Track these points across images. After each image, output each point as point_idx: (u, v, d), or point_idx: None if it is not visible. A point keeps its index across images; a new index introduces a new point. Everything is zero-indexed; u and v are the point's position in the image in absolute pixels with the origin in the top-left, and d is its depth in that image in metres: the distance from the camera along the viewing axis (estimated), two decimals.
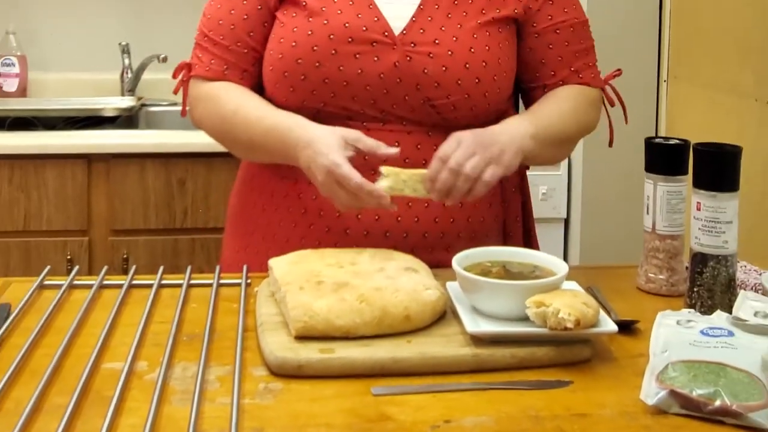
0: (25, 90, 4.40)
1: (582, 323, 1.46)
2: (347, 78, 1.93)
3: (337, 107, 1.96)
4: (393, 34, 1.94)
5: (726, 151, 1.72)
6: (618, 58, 3.62)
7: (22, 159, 3.55)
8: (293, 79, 1.96)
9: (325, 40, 1.93)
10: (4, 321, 1.65)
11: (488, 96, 1.97)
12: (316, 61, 1.93)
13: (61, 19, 4.51)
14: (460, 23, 1.97)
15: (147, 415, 1.29)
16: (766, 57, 2.82)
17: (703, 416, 1.30)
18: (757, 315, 1.56)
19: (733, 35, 3.05)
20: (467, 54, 1.94)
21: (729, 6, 3.09)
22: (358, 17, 1.94)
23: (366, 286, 1.58)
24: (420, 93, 1.93)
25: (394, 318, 1.53)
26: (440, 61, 1.92)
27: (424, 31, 1.94)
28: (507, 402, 1.37)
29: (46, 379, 1.41)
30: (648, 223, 1.87)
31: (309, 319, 1.51)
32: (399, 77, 1.93)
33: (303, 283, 1.61)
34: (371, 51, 1.93)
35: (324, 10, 1.95)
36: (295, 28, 1.96)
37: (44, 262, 3.47)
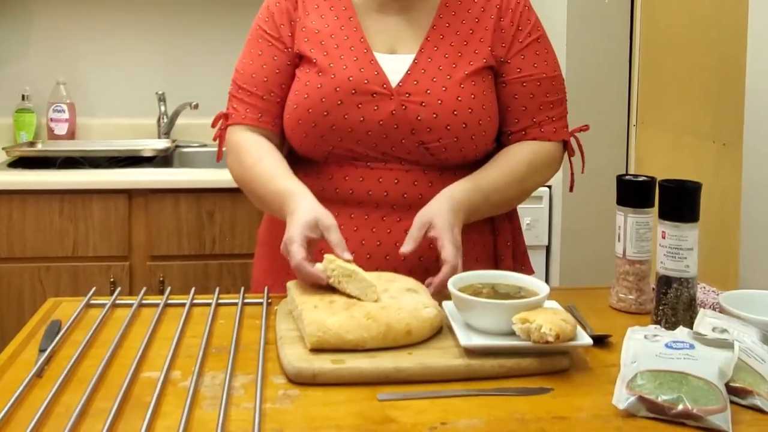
0: (73, 133, 4.39)
1: (561, 337, 1.46)
2: (351, 125, 1.94)
3: (344, 150, 1.97)
4: (390, 86, 1.95)
5: (687, 186, 1.72)
6: (593, 106, 3.64)
7: (71, 194, 3.54)
8: (306, 126, 1.97)
9: (332, 92, 1.94)
10: (55, 335, 1.65)
11: (475, 138, 1.97)
12: (325, 110, 1.94)
13: (105, 71, 4.51)
14: (449, 74, 1.98)
15: (180, 419, 1.30)
16: (722, 105, 2.82)
17: (668, 419, 1.31)
18: (714, 330, 1.56)
19: (694, 86, 3.06)
20: (455, 102, 1.94)
21: (690, 59, 3.09)
22: (360, 71, 1.96)
23: (372, 305, 1.59)
24: (414, 137, 1.94)
25: (397, 332, 1.53)
26: (431, 109, 1.93)
27: (417, 83, 1.96)
28: (496, 406, 1.37)
29: (92, 386, 1.42)
30: (619, 249, 1.87)
31: (323, 334, 1.51)
32: (396, 124, 1.94)
33: (317, 302, 1.61)
34: (371, 101, 1.94)
35: (332, 66, 1.97)
36: (308, 82, 1.98)
37: (90, 284, 3.50)
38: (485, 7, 2.06)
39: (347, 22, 2.04)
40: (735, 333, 1.55)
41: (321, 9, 2.06)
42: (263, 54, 2.07)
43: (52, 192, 3.54)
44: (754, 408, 1.37)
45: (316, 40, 2.02)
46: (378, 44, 2.03)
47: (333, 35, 2.02)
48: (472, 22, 2.05)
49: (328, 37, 2.02)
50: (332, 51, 2.00)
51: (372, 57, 1.99)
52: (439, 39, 2.02)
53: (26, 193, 3.52)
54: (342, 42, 2.01)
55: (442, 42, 2.02)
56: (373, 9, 2.06)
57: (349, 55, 1.99)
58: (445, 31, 2.03)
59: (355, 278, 1.65)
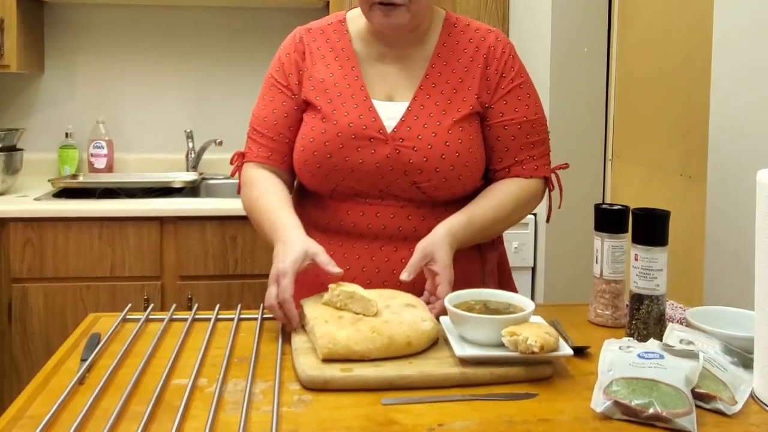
0: (111, 167, 4.40)
1: (545, 348, 1.46)
2: (352, 166, 1.94)
3: (347, 187, 1.97)
4: (386, 132, 1.95)
5: (657, 214, 1.72)
6: (573, 143, 3.65)
7: (109, 221, 3.55)
8: (311, 166, 1.98)
9: (334, 137, 1.95)
10: (95, 347, 1.65)
11: (462, 178, 1.97)
12: (328, 153, 1.95)
13: (140, 112, 4.52)
14: (439, 121, 1.97)
15: (206, 421, 1.31)
16: (688, 142, 2.83)
17: (640, 421, 1.30)
18: (681, 342, 1.56)
19: (663, 125, 3.06)
20: (443, 147, 1.94)
21: (660, 102, 3.09)
22: (360, 118, 1.96)
23: (377, 320, 1.59)
24: (407, 177, 1.94)
25: (398, 344, 1.54)
26: (422, 153, 1.93)
27: (410, 129, 1.95)
28: (487, 410, 1.37)
29: (127, 392, 1.42)
30: (597, 270, 1.87)
31: (333, 346, 1.52)
32: (391, 165, 1.94)
33: (328, 318, 1.62)
34: (369, 145, 1.94)
35: (334, 113, 1.97)
36: (313, 127, 1.99)
37: (126, 301, 3.50)
38: (474, 56, 2.06)
39: (350, 71, 2.04)
40: (700, 345, 1.56)
41: (327, 59, 2.07)
42: (274, 100, 2.08)
43: (92, 219, 3.55)
44: (716, 411, 1.37)
45: (321, 88, 2.03)
46: (377, 92, 2.03)
47: (336, 84, 2.03)
48: (462, 71, 2.04)
49: (332, 86, 2.02)
50: (335, 99, 2.00)
51: (371, 104, 1.99)
52: (431, 87, 2.02)
53: (69, 221, 3.53)
54: (344, 90, 2.02)
55: (434, 90, 2.02)
56: (373, 58, 2.07)
57: (350, 103, 1.99)
58: (437, 80, 2.03)
59: (356, 298, 1.66)
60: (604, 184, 3.71)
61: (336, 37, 2.10)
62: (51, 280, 3.55)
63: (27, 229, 3.51)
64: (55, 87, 4.47)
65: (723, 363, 1.50)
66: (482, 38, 2.08)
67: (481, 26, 2.12)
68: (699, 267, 2.51)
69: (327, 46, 2.10)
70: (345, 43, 2.09)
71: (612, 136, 3.64)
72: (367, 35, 2.09)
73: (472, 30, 2.10)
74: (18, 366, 3.57)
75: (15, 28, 3.87)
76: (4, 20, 3.84)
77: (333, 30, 2.12)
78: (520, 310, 1.62)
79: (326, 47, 2.09)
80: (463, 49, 2.07)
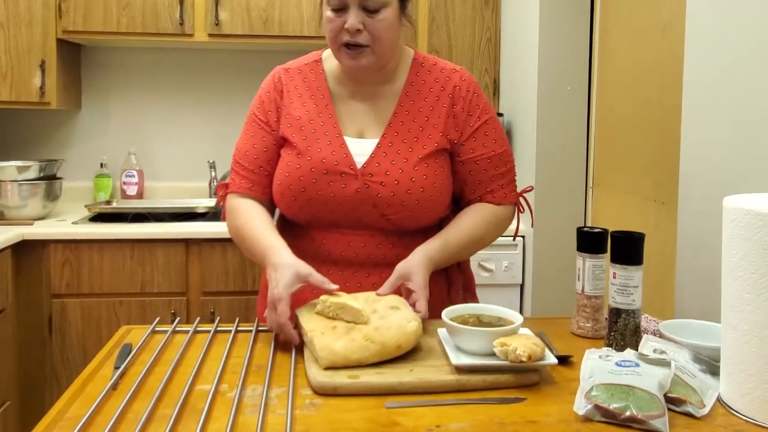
0: (142, 194, 4.41)
1: (532, 357, 1.46)
2: (325, 199, 1.92)
3: (322, 218, 1.95)
4: (356, 168, 1.92)
5: (633, 236, 1.72)
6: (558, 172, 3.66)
7: (140, 242, 3.56)
8: (288, 199, 1.96)
9: (308, 172, 1.92)
10: (127, 356, 1.65)
11: (427, 211, 1.95)
12: (302, 187, 1.92)
13: (167, 144, 4.54)
14: (406, 158, 1.94)
15: (227, 422, 1.31)
16: (661, 171, 2.83)
17: (618, 423, 1.31)
18: (655, 352, 1.56)
19: (638, 156, 3.06)
20: (409, 183, 1.91)
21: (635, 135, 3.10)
22: (332, 154, 1.93)
23: (368, 328, 1.60)
24: (376, 210, 1.92)
25: (390, 348, 1.55)
26: (389, 188, 1.91)
27: (379, 165, 1.93)
28: (480, 413, 1.38)
29: (156, 396, 1.42)
30: (579, 287, 1.86)
31: (333, 357, 1.52)
32: (361, 199, 1.91)
33: (323, 329, 1.62)
34: (341, 180, 1.91)
35: (309, 149, 1.94)
36: (289, 162, 1.96)
37: (155, 314, 3.51)
38: (439, 96, 2.02)
39: (324, 109, 2.01)
40: (672, 354, 1.56)
41: (303, 97, 2.04)
42: (255, 135, 2.05)
43: (125, 241, 3.55)
44: (686, 414, 1.37)
45: (297, 125, 2.00)
46: (349, 128, 2.00)
47: (312, 121, 1.99)
48: (428, 109, 2.01)
49: (308, 123, 1.99)
50: (310, 135, 1.97)
51: (343, 141, 1.96)
52: (399, 125, 1.99)
53: (104, 242, 3.54)
54: (319, 127, 1.98)
55: (401, 128, 1.98)
56: (346, 96, 2.04)
57: (324, 139, 1.96)
58: (405, 118, 1.99)
59: (346, 309, 1.66)
60: (585, 209, 3.71)
61: (312, 76, 2.07)
62: (87, 295, 3.56)
63: (66, 249, 3.53)
64: (91, 122, 4.49)
65: (692, 370, 1.50)
66: (447, 78, 2.05)
67: (446, 65, 2.09)
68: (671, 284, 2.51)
69: (304, 85, 2.06)
70: (320, 82, 2.06)
71: (593, 166, 3.65)
72: (340, 74, 2.06)
73: (438, 69, 2.07)
74: (57, 373, 3.57)
75: (55, 69, 3.90)
76: (45, 62, 3.86)
77: (310, 69, 2.09)
78: (510, 323, 1.62)
79: (303, 86, 2.06)
80: (429, 88, 2.03)
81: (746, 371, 1.36)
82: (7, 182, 3.71)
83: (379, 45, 1.90)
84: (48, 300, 3.55)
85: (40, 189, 3.79)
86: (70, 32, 3.91)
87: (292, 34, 4.01)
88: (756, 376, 1.34)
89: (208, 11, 3.96)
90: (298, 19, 4.00)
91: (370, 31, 1.87)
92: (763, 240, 1.32)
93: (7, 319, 3.37)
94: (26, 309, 3.55)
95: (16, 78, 3.85)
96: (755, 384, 1.35)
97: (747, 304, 1.35)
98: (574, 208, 3.71)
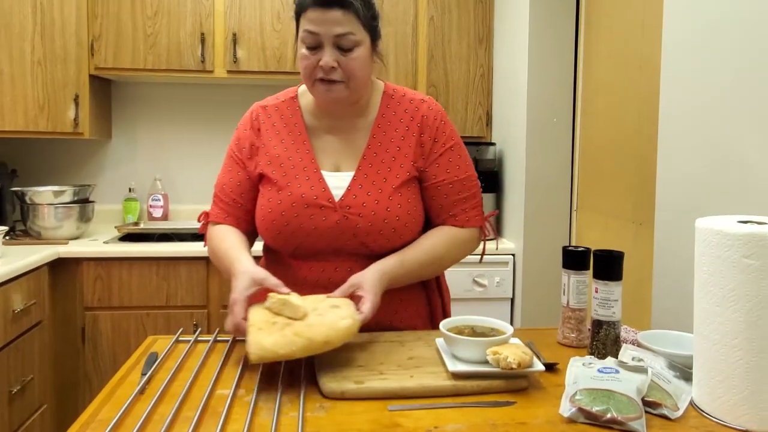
0: (167, 216, 4.42)
1: (522, 365, 1.47)
2: (306, 231, 1.87)
3: (305, 249, 1.90)
4: (334, 201, 1.87)
5: (614, 255, 1.72)
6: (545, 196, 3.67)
7: (165, 260, 3.57)
8: (272, 232, 1.90)
9: (289, 206, 1.88)
10: (153, 363, 1.65)
11: (402, 236, 1.90)
12: (285, 221, 1.87)
13: (189, 171, 4.54)
14: (380, 188, 1.89)
15: (244, 424, 1.32)
16: (639, 196, 2.83)
17: (599, 424, 1.31)
18: (633, 360, 1.56)
19: (618, 182, 3.07)
20: (385, 212, 1.87)
21: (616, 162, 3.10)
22: (311, 189, 1.88)
23: (301, 324, 1.55)
24: (356, 239, 1.87)
25: (317, 344, 1.50)
26: (366, 219, 1.86)
27: (355, 197, 1.87)
28: (474, 415, 1.38)
29: (180, 400, 1.43)
30: (564, 300, 1.86)
31: (260, 351, 1.48)
32: (341, 230, 1.86)
33: (261, 325, 1.56)
34: (320, 213, 1.86)
35: (288, 185, 1.89)
36: (270, 198, 1.91)
37: (179, 325, 3.52)
38: (409, 125, 1.97)
39: (301, 145, 1.96)
40: (648, 361, 1.56)
41: (281, 134, 1.99)
42: (231, 170, 2.01)
43: (151, 259, 3.57)
44: (662, 416, 1.37)
45: (276, 162, 1.94)
46: (325, 163, 1.95)
47: (290, 157, 1.94)
48: (399, 140, 1.95)
49: (286, 159, 1.94)
50: (289, 171, 1.92)
51: (320, 176, 1.91)
52: (373, 156, 1.93)
53: (132, 260, 3.55)
54: (297, 163, 1.93)
55: (375, 159, 1.93)
56: (321, 130, 1.99)
57: (302, 175, 1.91)
58: (378, 149, 1.94)
59: (287, 305, 1.60)
60: (570, 229, 3.71)
61: (289, 113, 2.02)
62: (117, 308, 3.56)
63: (97, 266, 3.53)
64: (120, 151, 4.51)
65: (667, 376, 1.50)
66: (416, 108, 1.99)
67: (415, 96, 2.03)
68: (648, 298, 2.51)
69: (281, 121, 2.01)
70: (297, 117, 2.01)
71: (577, 190, 3.65)
72: (315, 109, 2.01)
73: (407, 101, 2.01)
74: (90, 379, 3.57)
75: (88, 103, 3.92)
76: (79, 96, 3.88)
77: (287, 106, 2.04)
78: (501, 333, 1.62)
79: (281, 123, 2.01)
80: (399, 119, 1.98)
81: (716, 377, 1.36)
82: (44, 205, 3.74)
83: (354, 81, 1.86)
84: (81, 312, 3.55)
85: (74, 211, 3.81)
86: (102, 69, 3.94)
87: None
88: (725, 382, 1.35)
89: (227, 50, 3.98)
90: None
91: (344, 69, 1.83)
92: (732, 258, 1.32)
93: (44, 329, 3.38)
94: (61, 321, 3.56)
95: (52, 110, 3.87)
96: (724, 389, 1.35)
97: (717, 316, 1.35)
98: (560, 229, 3.72)
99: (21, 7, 3.80)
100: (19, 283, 3.11)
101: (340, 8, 1.78)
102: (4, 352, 2.97)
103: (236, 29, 3.98)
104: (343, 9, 1.79)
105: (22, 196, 3.78)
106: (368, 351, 1.70)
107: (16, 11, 3.80)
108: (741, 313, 1.32)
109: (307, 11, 1.81)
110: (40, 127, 3.87)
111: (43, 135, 3.90)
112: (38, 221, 3.75)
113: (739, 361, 1.33)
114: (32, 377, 3.24)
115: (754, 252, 1.30)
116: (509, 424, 1.34)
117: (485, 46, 4.21)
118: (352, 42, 1.82)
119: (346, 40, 1.81)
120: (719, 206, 1.95)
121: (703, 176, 2.03)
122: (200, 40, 3.95)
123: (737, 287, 1.32)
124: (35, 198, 3.76)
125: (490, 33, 4.21)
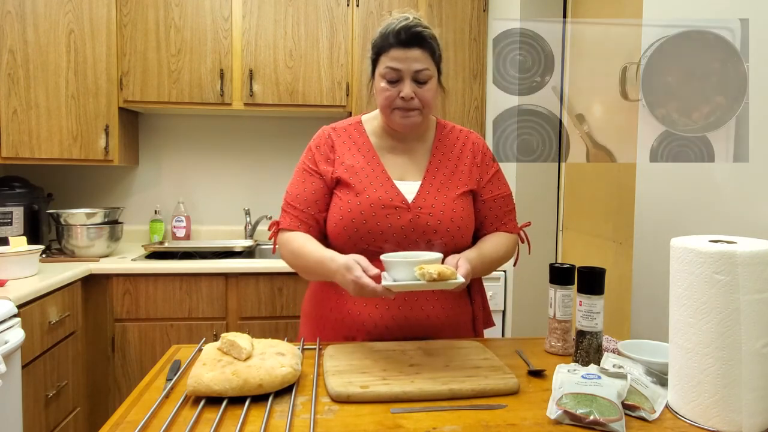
0: (189, 235, 4.42)
1: (441, 275, 1.53)
2: (382, 229, 1.92)
3: (376, 247, 1.93)
4: (408, 202, 1.93)
5: (596, 271, 1.72)
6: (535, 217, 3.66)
7: (188, 276, 3.57)
8: (349, 231, 1.93)
9: (367, 207, 1.92)
10: (177, 370, 1.66)
11: (464, 237, 1.96)
12: (363, 220, 1.92)
13: (210, 194, 4.55)
14: (446, 195, 1.97)
15: (261, 425, 1.32)
16: (619, 217, 2.84)
17: (583, 425, 1.31)
18: (614, 367, 1.57)
19: (600, 205, 3.07)
20: (451, 213, 1.94)
21: (597, 188, 3.11)
22: (386, 192, 1.94)
23: (242, 365, 1.52)
24: (424, 236, 1.92)
25: (251, 385, 1.47)
26: (436, 217, 1.93)
27: (425, 200, 1.94)
28: (469, 417, 1.38)
29: (202, 404, 1.43)
30: (551, 313, 1.86)
31: (197, 385, 1.47)
32: (412, 228, 1.92)
33: (207, 361, 1.55)
34: (395, 212, 1.92)
35: (365, 190, 1.95)
36: (349, 200, 1.95)
37: (200, 335, 3.50)
38: (462, 149, 2.08)
39: (371, 159, 2.02)
40: (628, 368, 1.56)
41: (351, 151, 2.04)
42: (305, 182, 2.03)
43: (175, 275, 3.57)
44: (640, 418, 1.37)
45: (351, 171, 1.99)
46: (393, 174, 2.00)
47: (363, 168, 2.00)
48: (456, 159, 2.05)
49: (360, 170, 1.99)
50: (363, 179, 1.97)
51: (392, 183, 1.97)
52: (435, 170, 2.02)
53: (157, 276, 3.55)
54: (369, 173, 1.99)
55: (437, 173, 2.01)
56: (386, 150, 2.05)
57: (376, 182, 1.97)
58: (438, 166, 2.03)
59: (234, 346, 1.58)
60: (556, 248, 3.71)
61: (356, 135, 2.08)
62: (144, 320, 3.56)
63: (126, 282, 3.54)
64: (146, 176, 4.52)
65: (645, 382, 1.51)
66: (466, 137, 2.12)
67: (462, 129, 2.15)
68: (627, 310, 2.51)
69: (350, 141, 2.07)
70: (364, 138, 2.07)
71: (562, 212, 3.65)
72: (381, 132, 2.08)
73: (457, 130, 2.14)
74: (119, 384, 3.56)
75: (117, 133, 3.93)
76: (109, 126, 3.90)
77: (354, 129, 2.10)
78: None
79: (349, 142, 2.07)
80: (453, 144, 2.09)
81: (690, 383, 1.37)
82: (77, 226, 3.75)
83: (427, 108, 1.97)
84: (111, 324, 3.55)
85: (104, 232, 3.81)
86: (130, 102, 3.95)
87: (313, 103, 4.05)
88: (698, 387, 1.35)
89: (244, 85, 4.00)
90: (318, 92, 4.04)
91: (420, 98, 1.93)
92: (704, 273, 1.33)
93: (77, 339, 3.38)
94: (93, 331, 3.55)
95: (85, 140, 3.88)
96: (697, 393, 1.35)
97: (690, 327, 1.36)
98: (547, 248, 3.72)
99: (56, 46, 3.84)
100: (55, 297, 3.12)
101: (419, 48, 1.90)
102: (41, 360, 2.97)
103: (252, 66, 4.00)
104: (421, 48, 1.90)
105: (57, 218, 3.79)
106: (372, 359, 1.70)
107: (52, 50, 3.83)
108: (712, 324, 1.32)
109: (390, 51, 1.91)
110: (74, 155, 3.88)
111: (77, 162, 3.91)
112: (72, 241, 3.76)
113: (710, 368, 1.33)
114: (66, 383, 3.24)
115: (723, 268, 1.31)
116: (501, 426, 1.34)
117: (479, 82, 4.23)
118: (426, 76, 1.92)
119: (422, 74, 1.92)
120: (692, 227, 1.96)
121: (678, 200, 2.04)
122: (219, 76, 3.98)
123: (709, 300, 1.33)
124: (69, 219, 3.77)
125: (484, 69, 4.23)
